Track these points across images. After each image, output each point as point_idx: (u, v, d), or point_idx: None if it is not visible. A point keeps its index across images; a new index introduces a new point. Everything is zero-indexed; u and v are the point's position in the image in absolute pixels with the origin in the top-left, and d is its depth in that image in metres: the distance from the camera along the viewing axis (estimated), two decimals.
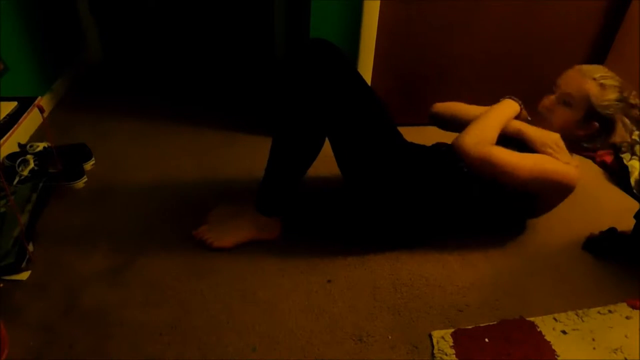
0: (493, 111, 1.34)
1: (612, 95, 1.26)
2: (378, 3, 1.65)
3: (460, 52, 1.87)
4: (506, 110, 1.34)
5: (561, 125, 1.32)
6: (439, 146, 1.45)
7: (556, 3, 1.78)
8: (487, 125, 1.30)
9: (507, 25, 1.82)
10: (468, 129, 1.29)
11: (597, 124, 1.29)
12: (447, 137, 1.54)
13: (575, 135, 1.33)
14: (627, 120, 1.29)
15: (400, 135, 1.37)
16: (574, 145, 1.35)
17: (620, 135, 1.30)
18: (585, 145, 1.36)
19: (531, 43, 1.87)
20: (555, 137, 1.29)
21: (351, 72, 1.23)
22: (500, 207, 1.35)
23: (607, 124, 1.29)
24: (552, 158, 1.26)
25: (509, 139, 1.33)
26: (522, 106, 1.37)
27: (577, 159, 1.35)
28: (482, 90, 1.59)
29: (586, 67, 1.31)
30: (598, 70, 1.29)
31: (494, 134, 1.28)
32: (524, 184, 1.26)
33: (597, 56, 1.92)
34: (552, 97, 1.33)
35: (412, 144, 1.45)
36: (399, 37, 1.79)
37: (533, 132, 1.30)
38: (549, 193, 1.31)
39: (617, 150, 1.82)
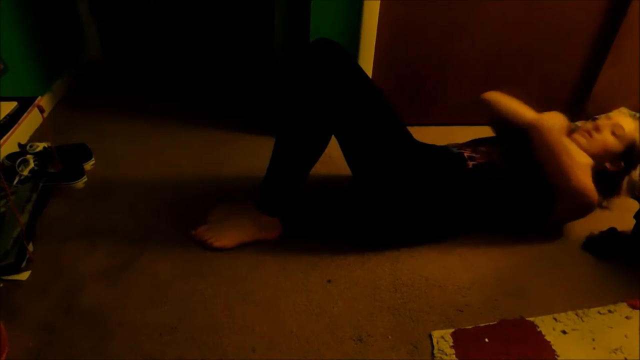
0: (554, 115, 1.39)
1: None
2: (378, 3, 1.65)
3: (460, 52, 1.87)
4: (561, 120, 1.39)
5: (600, 149, 1.39)
6: (450, 147, 1.44)
7: (556, 3, 1.78)
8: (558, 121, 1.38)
9: (507, 25, 1.82)
10: (550, 117, 1.36)
11: (622, 164, 1.40)
12: (449, 138, 1.55)
13: (602, 166, 1.41)
14: (632, 181, 1.41)
15: (409, 134, 1.37)
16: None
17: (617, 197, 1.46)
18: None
19: (531, 41, 1.87)
20: (589, 161, 1.35)
21: (357, 71, 1.24)
22: (508, 210, 1.37)
23: (626, 172, 1.41)
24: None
25: (518, 141, 1.38)
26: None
27: None
28: (482, 90, 1.58)
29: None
30: None
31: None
32: (566, 186, 1.29)
33: (597, 56, 1.92)
34: (607, 122, 1.41)
35: (421, 143, 1.43)
36: (399, 37, 1.79)
37: (574, 149, 1.35)
38: (570, 205, 1.33)
39: None
